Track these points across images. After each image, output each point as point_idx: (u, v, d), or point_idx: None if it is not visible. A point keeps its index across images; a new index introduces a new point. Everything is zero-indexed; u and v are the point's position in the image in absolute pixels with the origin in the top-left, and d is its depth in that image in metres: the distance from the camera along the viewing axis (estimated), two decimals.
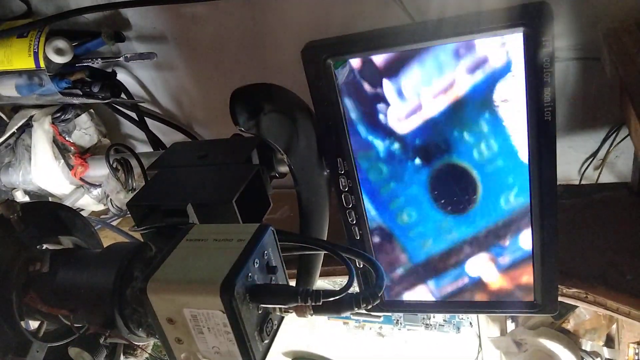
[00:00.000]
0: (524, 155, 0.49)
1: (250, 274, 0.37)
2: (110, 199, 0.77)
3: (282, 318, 0.42)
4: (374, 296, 0.39)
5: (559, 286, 0.60)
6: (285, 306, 0.38)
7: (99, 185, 0.86)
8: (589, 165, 0.79)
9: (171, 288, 0.37)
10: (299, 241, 0.49)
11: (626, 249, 0.63)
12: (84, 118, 0.91)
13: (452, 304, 0.60)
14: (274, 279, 0.41)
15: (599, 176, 0.80)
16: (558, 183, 0.50)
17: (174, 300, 0.37)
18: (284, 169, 0.60)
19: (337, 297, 0.38)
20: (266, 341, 0.40)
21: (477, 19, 0.45)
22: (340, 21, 0.74)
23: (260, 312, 0.39)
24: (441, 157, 0.53)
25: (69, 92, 0.78)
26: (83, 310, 0.46)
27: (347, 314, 0.74)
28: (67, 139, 0.87)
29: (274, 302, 0.38)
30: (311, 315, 0.39)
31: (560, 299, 0.60)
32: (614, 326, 0.92)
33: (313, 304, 0.38)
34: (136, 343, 0.46)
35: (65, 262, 0.49)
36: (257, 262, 0.38)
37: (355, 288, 0.58)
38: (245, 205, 0.50)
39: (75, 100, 0.81)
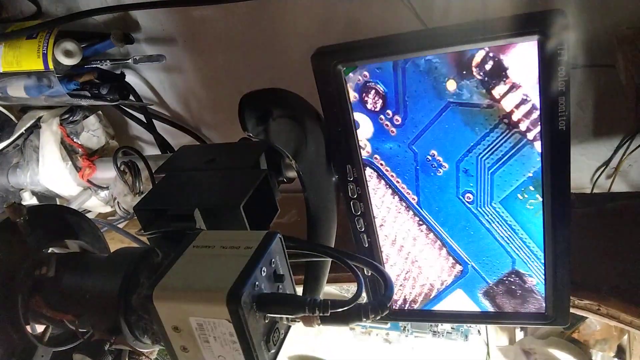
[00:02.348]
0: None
1: (257, 283, 0.37)
2: (118, 202, 0.77)
3: (289, 327, 0.41)
4: (382, 307, 0.38)
5: (571, 297, 0.58)
6: (293, 316, 0.38)
7: (107, 188, 0.86)
8: (601, 174, 0.78)
9: (177, 296, 0.36)
10: (307, 248, 0.49)
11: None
12: (92, 120, 0.91)
13: (461, 314, 0.59)
14: (281, 288, 0.40)
15: (611, 185, 0.78)
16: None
17: (180, 308, 0.36)
18: (292, 174, 0.59)
19: (346, 308, 0.37)
20: (273, 350, 0.39)
21: (490, 26, 0.44)
22: (349, 23, 0.73)
23: (267, 321, 0.38)
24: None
25: (77, 93, 0.78)
26: (88, 316, 0.45)
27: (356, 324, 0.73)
28: (75, 140, 0.87)
29: (281, 311, 0.38)
30: (319, 325, 0.38)
31: (571, 310, 0.59)
32: (625, 337, 0.91)
33: (321, 314, 0.37)
34: (141, 350, 0.45)
35: (71, 266, 0.48)
36: (264, 271, 0.38)
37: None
38: (253, 211, 0.49)
39: (84, 102, 0.81)
